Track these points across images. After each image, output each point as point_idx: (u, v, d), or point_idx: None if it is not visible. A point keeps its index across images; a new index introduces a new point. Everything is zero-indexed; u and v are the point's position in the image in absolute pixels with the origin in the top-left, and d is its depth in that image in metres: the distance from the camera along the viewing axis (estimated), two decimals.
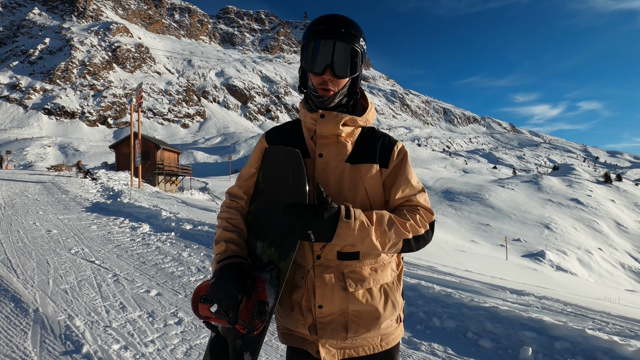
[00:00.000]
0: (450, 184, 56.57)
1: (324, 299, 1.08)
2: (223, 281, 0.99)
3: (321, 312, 1.08)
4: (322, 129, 1.10)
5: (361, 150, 1.12)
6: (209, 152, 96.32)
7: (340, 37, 1.04)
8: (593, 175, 76.72)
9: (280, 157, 1.15)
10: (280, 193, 1.13)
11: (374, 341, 1.11)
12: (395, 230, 1.02)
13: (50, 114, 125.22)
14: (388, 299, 1.12)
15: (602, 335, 2.75)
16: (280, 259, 1.10)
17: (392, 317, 1.13)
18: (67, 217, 8.44)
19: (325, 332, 1.08)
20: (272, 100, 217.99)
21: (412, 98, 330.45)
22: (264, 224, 1.17)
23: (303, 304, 1.11)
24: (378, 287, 1.11)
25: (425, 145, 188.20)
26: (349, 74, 1.08)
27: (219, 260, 1.06)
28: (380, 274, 1.11)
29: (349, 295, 1.08)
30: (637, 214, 49.93)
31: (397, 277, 1.17)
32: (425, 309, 3.46)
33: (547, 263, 28.32)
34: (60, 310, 3.22)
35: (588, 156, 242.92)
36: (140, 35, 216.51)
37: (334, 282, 1.08)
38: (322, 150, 1.11)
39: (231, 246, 1.09)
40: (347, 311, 1.08)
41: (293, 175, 1.09)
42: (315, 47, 1.05)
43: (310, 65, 1.07)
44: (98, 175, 22.03)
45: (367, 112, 1.15)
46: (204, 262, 5.07)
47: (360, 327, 1.08)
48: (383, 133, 1.18)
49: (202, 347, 2.70)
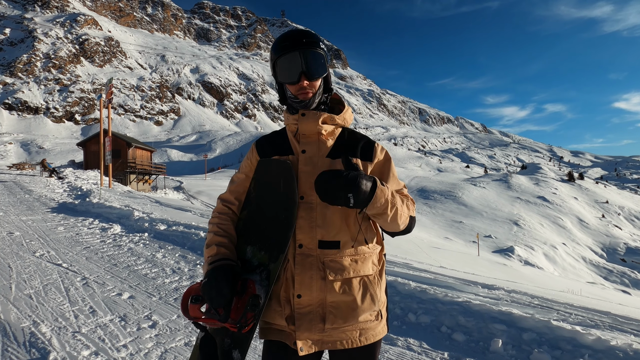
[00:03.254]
0: (425, 183, 57.94)
1: (303, 287, 1.10)
2: (215, 280, 1.03)
3: (299, 303, 1.10)
4: (304, 126, 1.18)
5: (341, 148, 1.20)
6: (183, 150, 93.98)
7: (303, 46, 1.14)
8: (558, 174, 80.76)
9: (272, 168, 1.22)
10: (272, 201, 1.19)
11: (353, 335, 1.12)
12: (406, 204, 1.14)
13: (11, 109, 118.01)
14: (367, 291, 1.13)
15: (566, 326, 2.91)
16: (270, 261, 1.14)
17: (371, 311, 1.14)
18: (30, 219, 8.00)
19: (302, 322, 1.09)
20: (249, 98, 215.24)
21: (388, 98, 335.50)
22: (254, 230, 1.22)
23: (282, 294, 1.13)
24: (358, 279, 1.13)
25: (401, 145, 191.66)
26: (320, 75, 1.18)
27: (211, 262, 1.11)
28: (361, 265, 1.14)
29: (327, 284, 1.10)
30: (597, 211, 53.04)
31: (379, 272, 1.20)
32: (402, 305, 3.54)
33: (516, 258, 29.61)
34: (24, 317, 3.05)
35: (553, 156, 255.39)
36: (110, 28, 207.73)
37: (314, 270, 1.11)
38: (304, 147, 1.19)
39: (222, 249, 1.14)
40: (325, 302, 1.10)
41: (284, 185, 1.16)
42: (286, 61, 1.16)
43: (287, 77, 1.17)
44: (65, 174, 21.01)
45: (344, 112, 1.24)
46: (178, 263, 4.95)
47: (338, 319, 1.10)
48: (363, 135, 1.26)
49: (178, 350, 2.64)
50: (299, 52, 1.14)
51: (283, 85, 1.21)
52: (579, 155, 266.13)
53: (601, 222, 48.67)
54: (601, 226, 46.86)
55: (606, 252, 40.29)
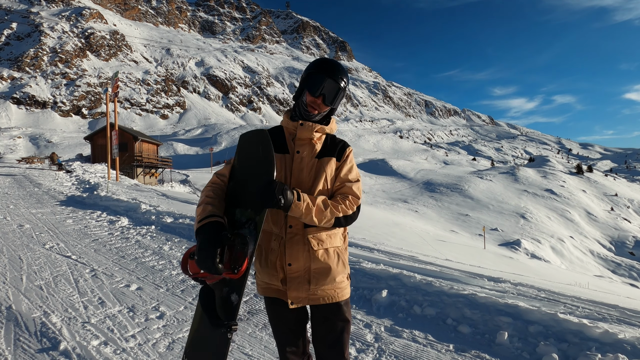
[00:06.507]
0: (431, 176, 57.61)
1: (292, 258, 1.46)
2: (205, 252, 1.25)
3: (290, 269, 1.46)
4: (301, 133, 1.54)
5: (326, 150, 1.57)
6: (189, 143, 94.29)
7: (334, 77, 1.50)
8: (566, 167, 79.73)
9: (252, 137, 1.48)
10: (253, 165, 1.44)
11: (331, 293, 1.49)
12: (330, 210, 1.44)
13: (19, 104, 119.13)
14: (339, 259, 1.53)
15: (573, 319, 2.89)
16: (255, 214, 1.39)
17: (343, 274, 1.53)
18: (40, 211, 8.12)
19: (292, 284, 1.46)
20: (254, 91, 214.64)
21: (394, 90, 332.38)
22: (240, 194, 1.47)
23: (277, 263, 1.48)
24: (332, 249, 1.51)
25: (407, 137, 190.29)
26: (332, 105, 1.55)
27: (199, 220, 1.36)
28: (333, 239, 1.53)
29: (311, 254, 1.47)
30: (606, 204, 52.37)
31: (344, 244, 1.58)
32: (407, 297, 3.54)
33: (523, 251, 29.42)
34: (35, 307, 3.12)
35: (562, 148, 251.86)
36: (116, 21, 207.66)
37: (300, 245, 1.47)
38: (299, 148, 1.54)
39: (209, 207, 1.40)
40: (310, 269, 1.47)
41: (263, 150, 1.41)
42: (317, 78, 1.50)
43: (312, 88, 1.50)
44: (73, 167, 21.25)
45: (331, 123, 1.62)
46: None
47: (320, 280, 1.47)
48: (341, 139, 1.63)
49: (185, 341, 2.67)
50: (327, 78, 1.49)
51: (304, 90, 1.54)
52: (588, 148, 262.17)
53: (610, 215, 48.07)
54: (610, 219, 46.30)
55: (614, 246, 39.85)
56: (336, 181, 1.55)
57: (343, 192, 1.52)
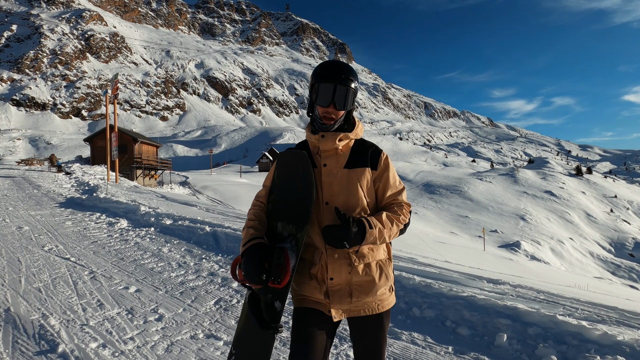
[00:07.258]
0: (431, 177, 57.62)
1: (334, 272, 1.44)
2: (248, 270, 1.34)
3: (332, 283, 1.44)
4: (324, 146, 1.48)
5: (355, 158, 1.49)
6: (189, 145, 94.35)
7: (340, 81, 1.41)
8: (565, 168, 79.85)
9: (291, 157, 1.50)
10: (293, 183, 1.48)
11: (372, 305, 1.47)
12: (395, 224, 1.44)
13: (19, 105, 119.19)
14: (382, 272, 1.48)
15: (572, 321, 2.88)
16: (297, 231, 1.44)
17: (386, 287, 1.49)
18: (39, 213, 8.12)
19: (335, 297, 1.44)
20: (254, 93, 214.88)
21: (394, 92, 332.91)
22: (281, 209, 1.52)
23: (319, 276, 1.46)
24: (375, 262, 1.47)
25: (406, 139, 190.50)
26: (346, 109, 1.47)
27: (243, 244, 1.42)
28: (376, 252, 1.48)
29: (352, 269, 1.44)
30: (605, 205, 52.41)
31: (388, 256, 1.54)
32: (406, 299, 3.53)
33: (522, 253, 29.40)
34: (34, 309, 3.11)
35: (561, 150, 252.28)
36: (115, 23, 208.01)
37: (342, 259, 1.44)
38: (325, 161, 1.48)
39: (251, 231, 1.45)
40: (352, 282, 1.44)
41: (302, 171, 1.45)
42: (322, 88, 1.43)
43: (320, 100, 1.44)
44: (72, 169, 21.24)
45: (356, 128, 1.53)
46: (184, 258, 5.00)
47: (362, 294, 1.44)
48: (372, 143, 1.55)
49: (184, 343, 2.67)
50: (333, 85, 1.41)
51: (314, 103, 1.48)
52: (587, 149, 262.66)
53: (609, 216, 48.10)
54: (609, 221, 46.32)
55: (614, 247, 39.86)
56: (386, 191, 1.50)
57: (398, 201, 1.50)
